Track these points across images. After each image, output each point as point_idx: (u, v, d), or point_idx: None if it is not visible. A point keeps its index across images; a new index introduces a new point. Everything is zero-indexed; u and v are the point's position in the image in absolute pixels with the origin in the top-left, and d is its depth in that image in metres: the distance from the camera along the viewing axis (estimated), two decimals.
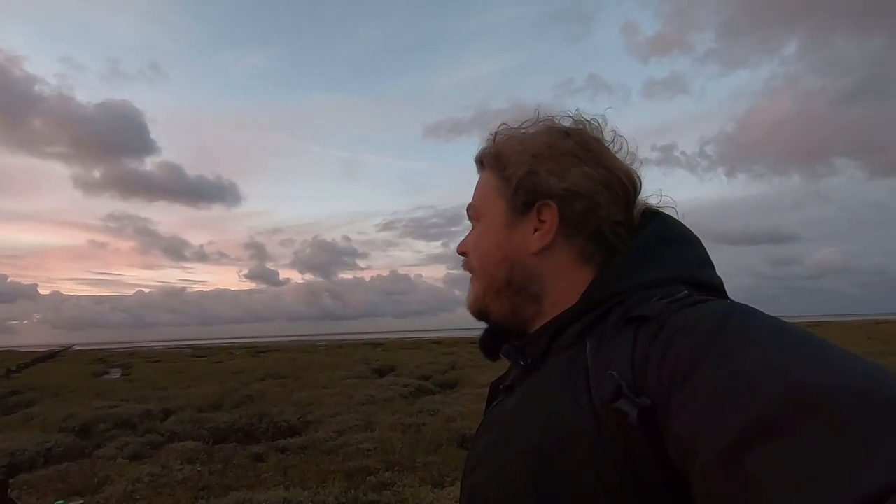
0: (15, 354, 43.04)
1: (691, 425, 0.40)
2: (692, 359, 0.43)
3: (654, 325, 0.49)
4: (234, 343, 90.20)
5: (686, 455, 0.41)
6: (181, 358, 31.02)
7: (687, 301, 0.51)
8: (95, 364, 26.99)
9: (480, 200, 0.69)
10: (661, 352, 0.46)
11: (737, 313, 0.46)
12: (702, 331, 0.45)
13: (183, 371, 18.74)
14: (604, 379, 0.49)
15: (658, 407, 0.44)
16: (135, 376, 17.96)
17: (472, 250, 0.69)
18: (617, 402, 0.46)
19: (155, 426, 8.04)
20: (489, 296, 0.66)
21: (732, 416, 0.37)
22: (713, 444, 0.38)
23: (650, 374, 0.46)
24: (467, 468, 0.63)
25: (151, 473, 5.21)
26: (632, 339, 0.50)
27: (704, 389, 0.41)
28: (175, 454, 6.11)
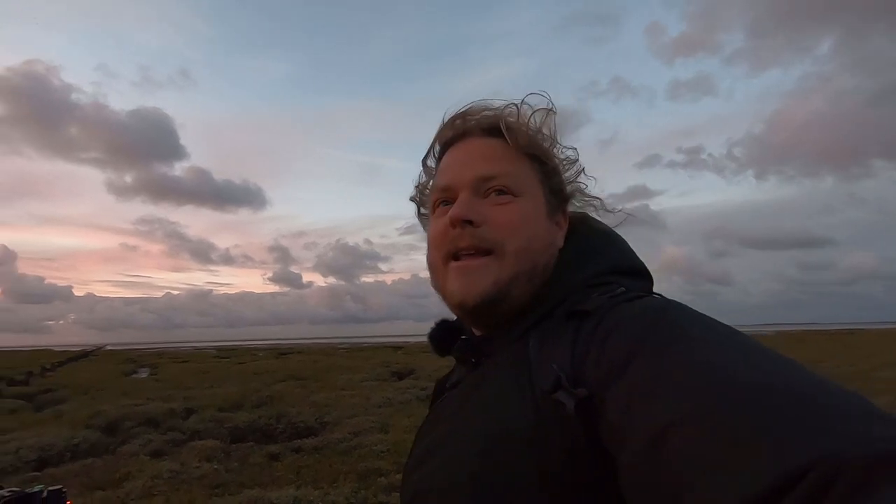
0: (50, 353, 44.71)
1: (622, 415, 0.43)
2: (628, 352, 0.45)
3: (594, 319, 0.52)
4: (258, 345, 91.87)
5: (616, 444, 0.43)
6: (207, 359, 31.73)
7: (624, 297, 0.55)
8: (125, 364, 27.84)
9: (518, 179, 0.63)
10: (600, 345, 0.49)
11: (671, 310, 0.49)
12: (638, 326, 0.47)
13: (207, 371, 19.16)
14: (545, 371, 0.51)
15: (595, 398, 0.46)
16: (162, 376, 18.44)
17: (510, 226, 0.61)
18: (556, 394, 0.48)
19: (177, 424, 8.24)
20: (521, 280, 0.60)
21: (659, 407, 0.40)
22: (639, 433, 0.40)
23: (588, 367, 0.48)
24: (410, 466, 0.62)
25: (171, 470, 5.35)
26: (573, 334, 0.52)
27: (637, 382, 0.43)
28: (194, 452, 6.25)
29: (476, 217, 0.60)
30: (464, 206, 0.61)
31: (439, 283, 0.65)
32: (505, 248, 0.60)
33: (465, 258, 0.61)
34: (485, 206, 0.61)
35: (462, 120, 0.67)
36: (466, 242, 0.60)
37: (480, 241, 0.60)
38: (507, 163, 0.63)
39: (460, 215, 0.60)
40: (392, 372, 16.50)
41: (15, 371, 20.44)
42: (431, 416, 0.66)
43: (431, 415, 0.66)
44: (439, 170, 0.69)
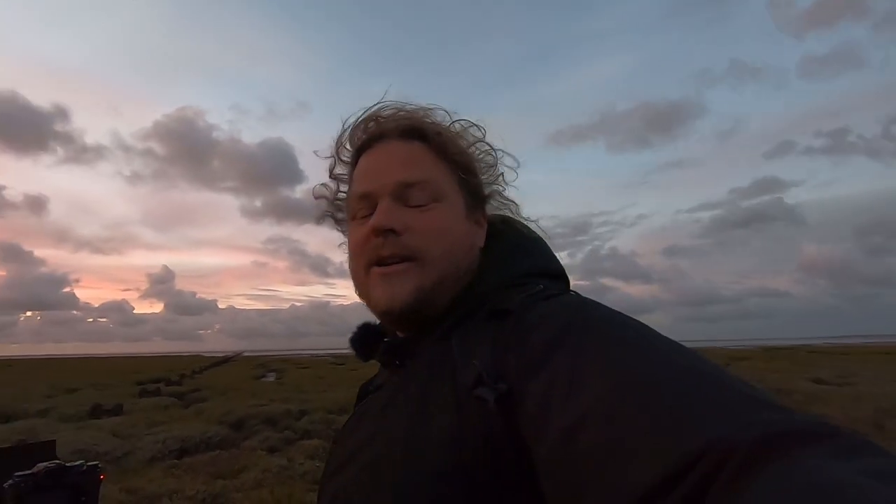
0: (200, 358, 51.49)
1: (540, 409, 0.43)
2: (546, 348, 0.46)
3: (514, 317, 0.53)
4: None
5: (534, 437, 0.43)
6: (324, 365, 34.32)
7: (542, 295, 0.56)
8: (257, 369, 31.14)
9: (438, 183, 0.62)
10: (519, 342, 0.49)
11: (587, 307, 0.51)
12: (556, 322, 0.49)
13: (323, 377, 20.74)
14: (466, 368, 0.51)
15: (514, 392, 0.47)
16: (285, 380, 20.36)
17: (432, 232, 0.60)
18: (477, 389, 0.48)
19: (292, 424, 9.03)
20: (445, 284, 0.60)
21: (573, 401, 0.41)
22: (555, 427, 0.41)
23: (509, 363, 0.49)
24: (330, 470, 0.61)
25: (279, 465, 5.88)
26: (493, 332, 0.53)
27: (554, 376, 0.44)
28: (301, 450, 6.80)
29: (398, 225, 0.59)
30: (385, 215, 0.59)
31: (363, 291, 0.64)
32: (428, 254, 0.59)
33: (388, 265, 0.60)
34: (406, 213, 0.60)
35: (376, 122, 0.66)
36: (389, 251, 0.59)
37: (402, 248, 0.59)
38: (427, 167, 0.62)
39: (382, 224, 0.59)
40: None
41: (172, 373, 23.95)
42: (353, 419, 0.65)
43: (353, 418, 0.65)
44: (356, 176, 0.66)
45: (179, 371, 26.00)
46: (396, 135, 0.64)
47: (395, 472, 0.50)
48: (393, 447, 0.52)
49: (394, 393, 0.59)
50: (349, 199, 0.67)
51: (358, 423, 0.62)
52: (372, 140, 0.66)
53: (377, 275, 0.60)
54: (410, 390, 0.56)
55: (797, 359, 24.14)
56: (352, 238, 0.65)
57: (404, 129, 0.64)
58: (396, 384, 0.59)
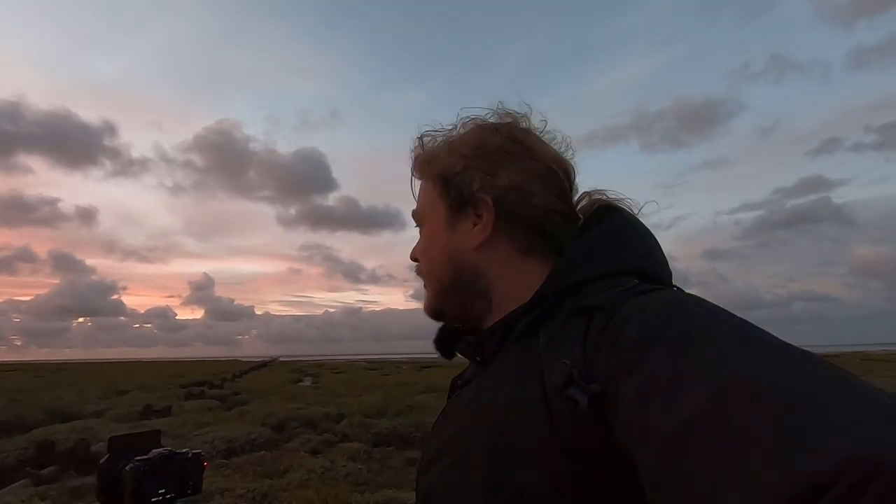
0: (238, 363, 52.99)
1: (639, 412, 0.40)
2: (642, 346, 0.43)
3: (605, 314, 0.49)
4: (402, 358, 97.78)
5: (633, 441, 0.41)
6: (358, 370, 34.78)
7: (636, 290, 0.52)
8: (293, 373, 31.81)
9: (421, 207, 0.70)
10: (612, 339, 0.46)
11: (687, 303, 0.46)
12: (652, 319, 0.45)
13: (357, 381, 21.04)
14: (556, 367, 0.49)
15: (608, 394, 0.44)
16: (321, 384, 20.77)
17: (420, 256, 0.70)
18: (568, 390, 0.46)
19: (331, 427, 9.23)
20: (441, 297, 0.67)
21: (679, 404, 0.37)
22: (659, 432, 0.38)
23: (600, 362, 0.46)
24: (422, 465, 0.62)
25: (322, 467, 6.03)
26: (583, 329, 0.50)
27: (653, 377, 0.40)
28: (342, 452, 6.95)
29: (414, 255, 0.72)
30: (413, 249, 0.73)
31: None
32: (424, 273, 0.70)
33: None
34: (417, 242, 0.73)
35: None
36: (417, 274, 0.73)
37: (419, 272, 0.72)
38: (420, 195, 0.71)
39: (410, 257, 0.73)
40: None
41: (214, 377, 24.76)
42: (443, 414, 0.66)
43: (443, 413, 0.66)
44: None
45: (220, 375, 26.85)
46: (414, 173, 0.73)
47: (483, 470, 0.50)
48: (480, 446, 0.52)
49: (480, 390, 0.59)
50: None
51: (446, 419, 0.63)
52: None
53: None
54: (496, 388, 0.55)
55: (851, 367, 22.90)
56: None
57: (412, 170, 0.73)
58: (482, 381, 0.59)
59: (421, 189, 0.71)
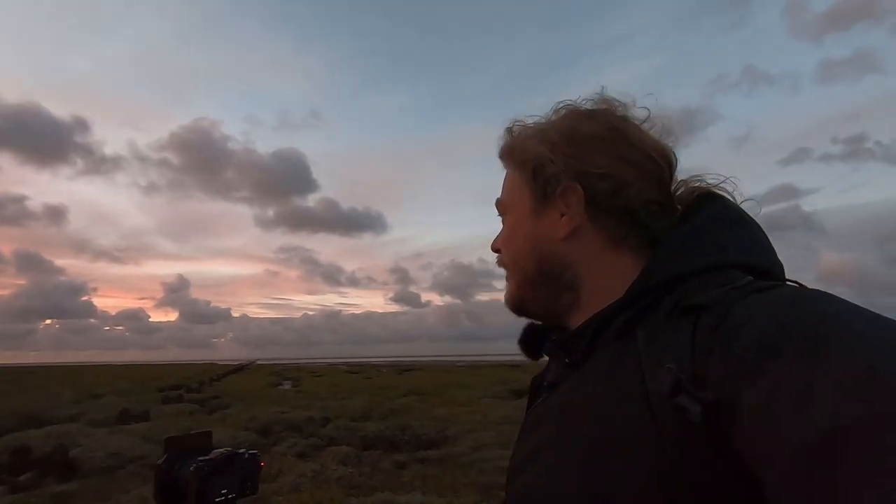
0: (215, 366, 52.03)
1: (767, 424, 0.36)
2: (765, 351, 0.38)
3: (717, 313, 0.44)
4: (381, 361, 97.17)
5: (761, 457, 0.37)
6: (338, 374, 34.48)
7: (753, 287, 0.46)
8: (272, 376, 31.36)
9: (506, 195, 0.67)
10: (726, 343, 0.41)
11: (816, 300, 0.41)
12: (775, 320, 0.40)
13: (339, 385, 20.87)
14: (660, 373, 0.44)
15: (723, 402, 0.40)
16: (302, 388, 20.53)
17: (503, 246, 0.67)
18: (676, 398, 0.42)
19: (316, 431, 9.15)
20: (524, 289, 0.64)
21: (820, 418, 0.33)
22: (795, 446, 0.34)
23: (713, 368, 0.41)
24: (514, 468, 0.60)
25: (313, 470, 5.99)
26: (690, 330, 0.45)
27: (782, 384, 0.36)
28: (332, 456, 6.90)
29: (496, 245, 0.69)
30: (494, 239, 0.70)
31: None
32: (507, 264, 0.67)
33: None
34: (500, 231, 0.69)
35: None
36: (498, 265, 0.70)
37: (501, 263, 0.69)
38: (505, 184, 0.68)
39: (491, 247, 0.70)
40: (510, 390, 16.41)
41: (190, 381, 24.26)
42: (533, 416, 0.63)
43: (532, 415, 0.63)
44: None
45: (197, 378, 26.30)
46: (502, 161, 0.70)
47: (583, 476, 0.47)
48: (579, 451, 0.49)
49: (573, 393, 0.55)
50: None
51: (538, 423, 0.60)
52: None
53: None
54: (593, 392, 0.51)
55: None
56: None
57: (500, 158, 0.70)
58: (576, 382, 0.56)
59: (506, 178, 0.68)
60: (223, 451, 1.01)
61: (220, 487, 0.97)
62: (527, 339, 0.69)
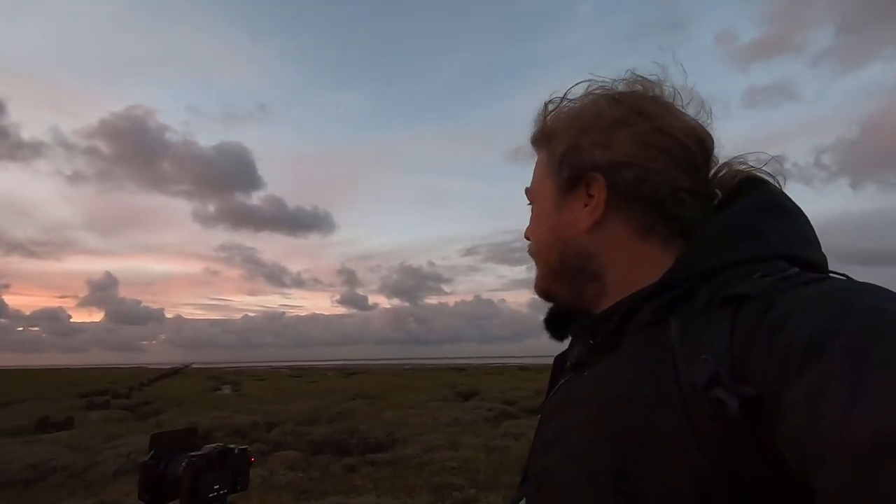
0: (145, 370, 48.85)
1: (817, 424, 0.35)
2: (812, 346, 0.36)
3: (760, 305, 0.42)
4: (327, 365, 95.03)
5: (809, 457, 0.35)
6: (281, 377, 33.38)
7: (799, 279, 0.44)
8: (210, 380, 29.88)
9: (534, 184, 0.66)
10: (770, 336, 0.40)
11: (866, 293, 0.39)
12: (823, 314, 0.38)
13: (283, 389, 20.24)
14: (696, 364, 0.43)
15: (764, 398, 0.38)
16: (243, 392, 19.74)
17: (531, 235, 0.67)
18: (713, 391, 0.40)
19: (261, 436, 8.83)
20: (549, 279, 0.64)
21: (874, 417, 0.32)
22: (850, 449, 0.33)
23: (754, 361, 0.40)
24: (536, 449, 0.59)
25: (261, 476, 5.79)
26: (730, 321, 0.43)
27: (832, 381, 0.35)
28: (280, 461, 6.70)
29: (527, 233, 0.69)
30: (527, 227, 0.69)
31: None
32: (533, 253, 0.66)
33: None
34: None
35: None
36: (529, 252, 0.68)
37: (530, 251, 0.68)
38: (535, 171, 0.67)
39: (524, 235, 0.70)
40: (457, 392, 16.57)
41: (118, 385, 22.68)
42: (557, 397, 0.61)
43: (557, 397, 0.61)
44: None
45: (124, 383, 24.61)
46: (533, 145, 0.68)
47: (612, 462, 0.46)
48: (608, 437, 0.48)
49: (605, 378, 0.53)
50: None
51: (565, 404, 0.58)
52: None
53: None
54: (625, 378, 0.50)
55: None
56: None
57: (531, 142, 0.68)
58: (606, 369, 0.54)
59: (536, 164, 0.67)
60: (215, 447, 1.00)
61: (212, 483, 0.97)
62: (552, 319, 0.68)
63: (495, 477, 5.65)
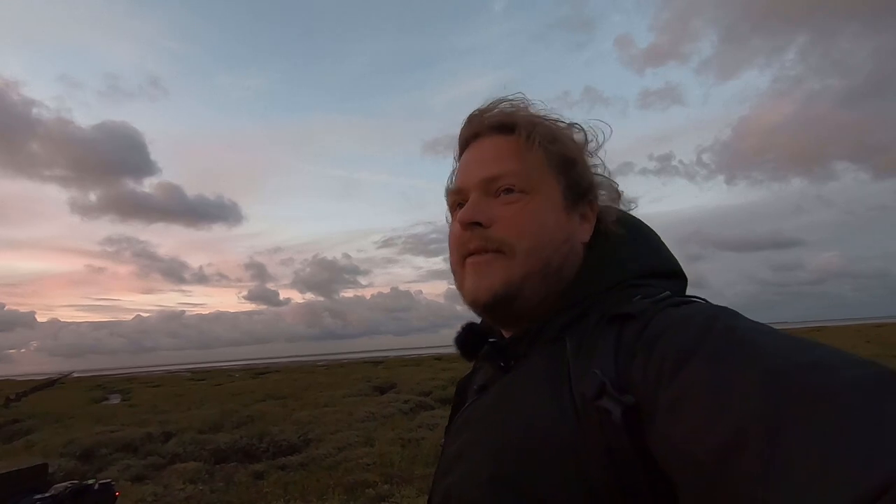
0: (13, 383, 42.71)
1: (680, 425, 0.40)
2: (680, 357, 0.42)
3: (639, 323, 0.49)
4: (233, 365, 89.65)
5: (674, 456, 0.40)
6: (181, 382, 30.85)
7: (671, 301, 0.52)
8: (95, 390, 26.83)
9: (530, 174, 0.62)
10: (647, 350, 0.45)
11: (724, 315, 0.46)
12: (689, 330, 0.44)
13: (183, 394, 18.69)
14: (586, 377, 0.48)
15: (643, 405, 0.43)
16: (135, 401, 17.91)
17: (518, 225, 0.60)
18: (600, 401, 0.45)
19: (156, 449, 8.07)
20: (533, 279, 0.59)
21: (728, 417, 0.36)
22: (704, 445, 0.37)
23: (635, 373, 0.45)
24: (441, 469, 0.60)
25: (154, 493, 5.29)
26: (615, 338, 0.49)
27: (694, 389, 0.40)
28: (177, 475, 6.18)
29: (484, 218, 0.60)
30: (471, 209, 0.61)
31: (459, 284, 0.64)
32: (514, 247, 0.59)
33: (476, 255, 0.61)
34: (494, 206, 0.61)
35: (478, 118, 0.66)
36: (475, 244, 0.60)
37: (488, 241, 0.60)
38: (515, 160, 0.62)
39: (467, 218, 0.60)
40: (374, 387, 16.41)
41: None
42: (461, 419, 0.63)
43: (461, 418, 0.64)
44: (455, 172, 0.68)
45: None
46: (489, 130, 0.65)
47: (510, 478, 0.49)
48: (506, 453, 0.51)
49: (503, 396, 0.57)
50: (447, 196, 0.69)
51: (467, 424, 0.61)
52: (471, 137, 0.67)
53: (469, 265, 0.62)
54: (522, 394, 0.54)
55: None
56: (450, 233, 0.66)
57: (496, 124, 0.64)
58: (505, 387, 0.58)
59: (516, 151, 0.63)
60: (67, 486, 0.87)
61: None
62: (465, 338, 0.69)
63: (409, 470, 5.67)
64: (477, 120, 0.66)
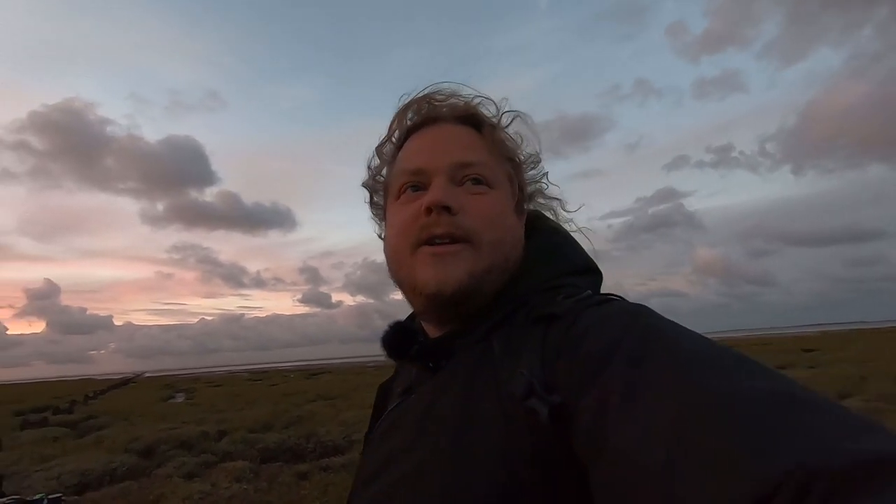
0: (92, 382, 46.37)
1: (596, 424, 0.40)
2: (601, 358, 0.43)
3: (564, 323, 0.49)
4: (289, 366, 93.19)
5: (590, 453, 0.41)
6: (240, 382, 32.34)
7: (592, 301, 0.52)
8: (163, 389, 28.63)
9: (493, 171, 0.62)
10: (571, 350, 0.46)
11: (643, 315, 0.46)
12: (611, 330, 0.45)
13: (240, 394, 19.53)
14: (514, 377, 0.48)
15: (567, 405, 0.44)
16: (197, 400, 18.90)
17: (487, 217, 0.59)
18: (528, 401, 0.46)
19: (210, 447, 8.40)
20: (494, 273, 0.58)
21: (635, 417, 0.38)
22: (614, 443, 0.38)
23: (560, 372, 0.46)
24: (366, 477, 0.58)
25: (202, 491, 5.45)
26: (541, 338, 0.50)
27: (612, 389, 0.41)
28: (224, 473, 6.35)
29: (454, 204, 0.57)
30: (442, 192, 0.57)
31: (406, 274, 0.60)
32: (482, 238, 0.57)
33: (440, 244, 0.57)
34: (461, 193, 0.59)
35: (430, 105, 0.64)
36: (442, 230, 0.57)
37: (456, 228, 0.57)
38: (482, 153, 0.61)
39: (440, 201, 0.56)
40: None
41: (60, 400, 21.28)
42: (385, 422, 0.62)
43: (385, 423, 0.62)
44: (405, 154, 0.64)
45: (69, 397, 23.14)
46: (451, 119, 0.64)
47: (440, 482, 0.48)
48: (436, 457, 0.50)
49: (432, 398, 0.55)
50: (393, 177, 0.65)
51: (392, 430, 0.59)
52: (425, 122, 0.65)
53: (427, 254, 0.57)
54: (450, 397, 0.53)
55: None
56: (397, 216, 0.62)
57: (460, 115, 0.64)
58: (434, 388, 0.56)
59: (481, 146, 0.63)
60: (5, 501, 0.81)
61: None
62: (392, 339, 0.66)
63: None
64: (431, 106, 0.65)
